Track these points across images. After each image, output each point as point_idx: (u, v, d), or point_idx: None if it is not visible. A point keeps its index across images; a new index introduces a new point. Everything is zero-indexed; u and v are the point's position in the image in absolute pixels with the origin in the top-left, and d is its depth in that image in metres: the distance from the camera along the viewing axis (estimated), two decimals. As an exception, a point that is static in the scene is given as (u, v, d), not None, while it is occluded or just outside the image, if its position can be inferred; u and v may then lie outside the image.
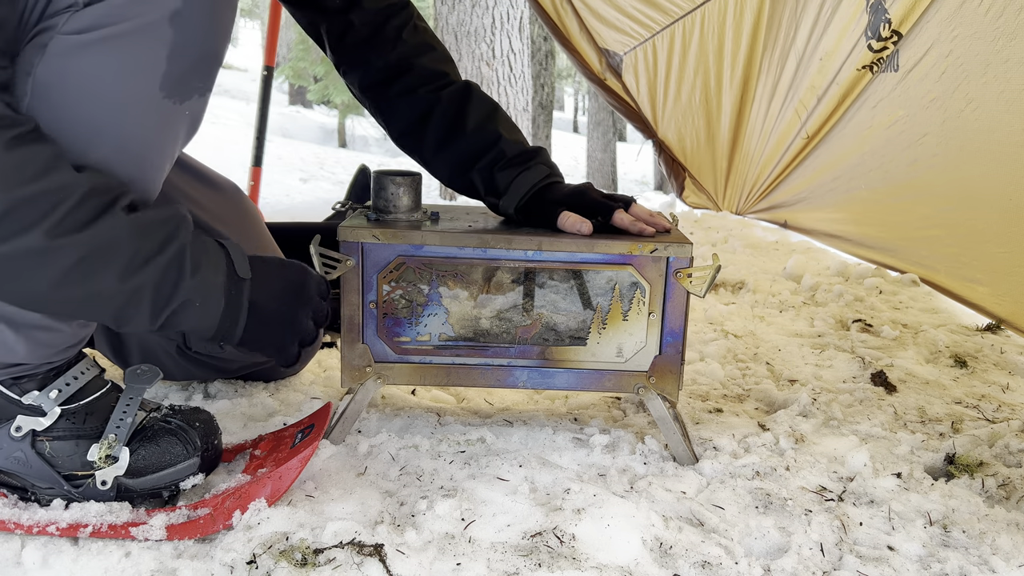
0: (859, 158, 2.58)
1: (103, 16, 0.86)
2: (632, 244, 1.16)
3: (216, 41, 0.96)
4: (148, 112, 0.93)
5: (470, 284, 1.19)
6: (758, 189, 3.30)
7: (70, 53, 0.87)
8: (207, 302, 0.98)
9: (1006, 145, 1.88)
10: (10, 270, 0.85)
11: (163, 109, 0.93)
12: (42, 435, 1.01)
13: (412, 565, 0.92)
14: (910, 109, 2.28)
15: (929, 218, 2.27)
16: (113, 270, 0.89)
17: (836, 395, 1.54)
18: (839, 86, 2.66)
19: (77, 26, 0.86)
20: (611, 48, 3.40)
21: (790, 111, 2.96)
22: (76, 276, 0.87)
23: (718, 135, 3.33)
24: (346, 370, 1.21)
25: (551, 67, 9.23)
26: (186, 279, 0.95)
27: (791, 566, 0.97)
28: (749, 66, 3.13)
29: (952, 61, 2.08)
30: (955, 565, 0.98)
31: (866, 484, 1.16)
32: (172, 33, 0.89)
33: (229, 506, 0.99)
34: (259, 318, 1.05)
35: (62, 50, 0.87)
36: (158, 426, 1.05)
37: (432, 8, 5.48)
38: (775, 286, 2.34)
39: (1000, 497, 1.16)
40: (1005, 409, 1.52)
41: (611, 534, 0.99)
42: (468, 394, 1.49)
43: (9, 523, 0.96)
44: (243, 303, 1.03)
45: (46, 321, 0.97)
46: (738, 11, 3.06)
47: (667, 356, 1.21)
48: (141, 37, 0.88)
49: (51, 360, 1.02)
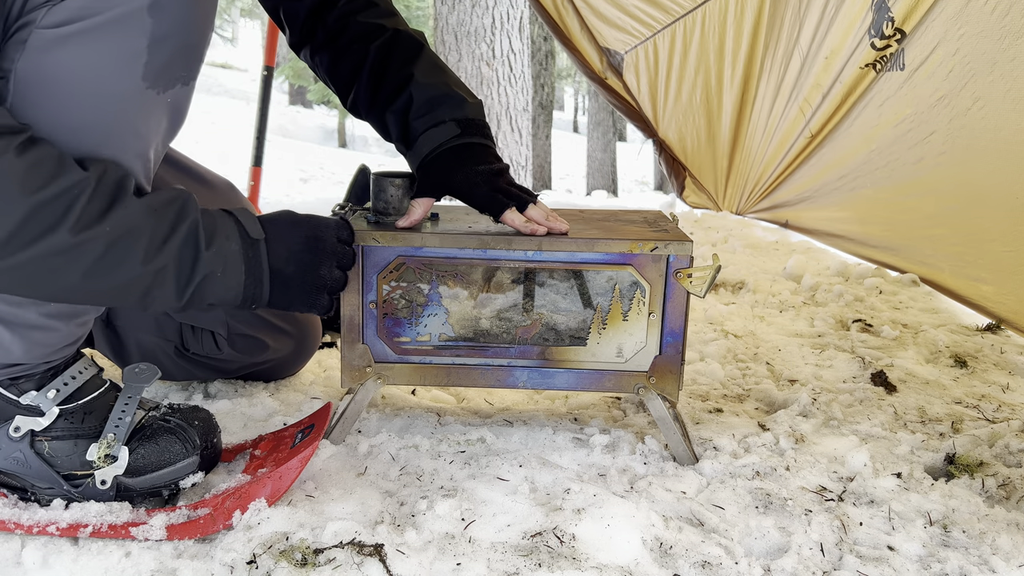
0: (865, 156, 2.57)
1: (81, 8, 0.86)
2: (632, 244, 1.16)
3: (197, 29, 0.96)
4: (131, 103, 0.93)
5: (470, 284, 1.19)
6: (760, 188, 3.30)
7: (49, 47, 0.87)
8: (227, 271, 1.00)
9: (1013, 144, 1.88)
10: (42, 270, 0.87)
11: (146, 99, 0.93)
12: (41, 435, 1.01)
13: (412, 565, 0.92)
14: (917, 107, 2.28)
15: (934, 216, 2.27)
16: (136, 254, 0.91)
17: (836, 395, 1.54)
18: (842, 84, 2.66)
19: (55, 19, 0.86)
20: (612, 47, 3.40)
21: (794, 110, 2.96)
22: (104, 266, 0.89)
23: (719, 134, 3.33)
24: (346, 370, 1.21)
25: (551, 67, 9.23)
26: (203, 252, 0.96)
27: (791, 566, 0.97)
28: (750, 65, 3.13)
29: (959, 59, 2.08)
30: (955, 565, 0.98)
31: (866, 484, 1.16)
32: (152, 23, 0.89)
33: (229, 506, 0.99)
34: (282, 277, 1.05)
35: (41, 45, 0.87)
36: (157, 425, 1.05)
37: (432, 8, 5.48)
38: (775, 286, 2.34)
39: (1000, 497, 1.16)
40: (1005, 409, 1.52)
41: (611, 534, 0.98)
42: (468, 394, 1.49)
43: (9, 523, 0.96)
44: (263, 265, 1.03)
45: (42, 321, 0.98)
46: (739, 10, 3.06)
47: (667, 356, 1.21)
48: (120, 28, 0.88)
49: (48, 360, 1.02)
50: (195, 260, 0.96)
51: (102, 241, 0.88)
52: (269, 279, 1.04)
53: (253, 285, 1.03)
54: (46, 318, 0.98)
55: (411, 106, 1.21)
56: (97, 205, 0.88)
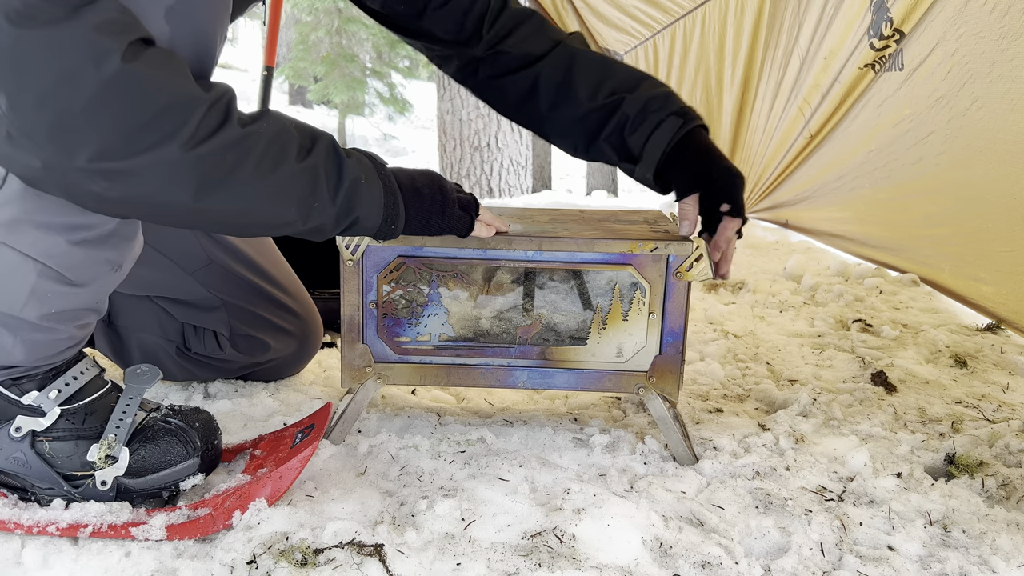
0: (864, 157, 2.58)
1: None
2: (632, 244, 1.16)
3: (212, 29, 0.95)
4: None
5: (470, 284, 1.19)
6: (760, 188, 3.30)
7: None
8: (369, 180, 1.02)
9: (1012, 144, 1.88)
10: (221, 165, 0.88)
11: None
12: (42, 435, 1.01)
13: (412, 565, 0.92)
14: (916, 108, 2.28)
15: (934, 217, 2.27)
16: (291, 151, 0.94)
17: (836, 395, 1.54)
18: (841, 85, 2.66)
19: None
20: (612, 47, 3.41)
21: (793, 110, 2.96)
22: (268, 161, 0.92)
23: (719, 135, 3.33)
24: (346, 370, 1.21)
25: (552, 67, 9.21)
26: (344, 160, 0.99)
27: (791, 566, 0.97)
28: (750, 65, 3.13)
29: (958, 60, 2.08)
30: (955, 565, 0.98)
31: (866, 484, 1.16)
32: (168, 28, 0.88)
33: (229, 506, 0.99)
34: (415, 193, 1.07)
35: None
36: (158, 426, 1.05)
37: (432, 8, 5.46)
38: (775, 286, 2.34)
39: (1000, 497, 1.16)
40: (1005, 409, 1.52)
41: (611, 534, 0.99)
42: (468, 394, 1.49)
43: (9, 523, 0.96)
44: (394, 184, 1.05)
45: (43, 323, 0.97)
46: (739, 10, 3.06)
47: (667, 356, 1.21)
48: None
49: (50, 361, 1.02)
50: (340, 165, 0.98)
51: (263, 137, 0.91)
52: (402, 195, 1.05)
53: (391, 200, 1.04)
54: (46, 321, 0.98)
55: (626, 124, 1.22)
56: (246, 112, 0.93)
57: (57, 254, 0.94)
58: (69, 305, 0.99)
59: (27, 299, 0.95)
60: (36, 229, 0.92)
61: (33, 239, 0.92)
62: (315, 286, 1.65)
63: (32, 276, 0.94)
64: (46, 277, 0.94)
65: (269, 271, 1.39)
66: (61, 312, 0.98)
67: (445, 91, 5.18)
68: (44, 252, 0.93)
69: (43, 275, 0.94)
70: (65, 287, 0.96)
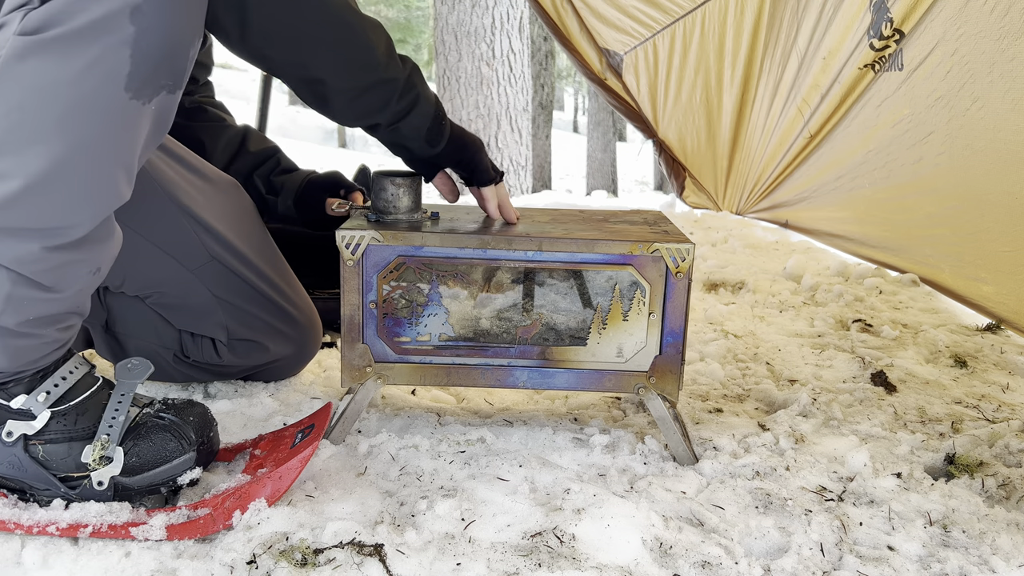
0: (863, 156, 2.58)
1: (59, 13, 0.83)
2: (632, 244, 1.16)
3: (184, 34, 0.92)
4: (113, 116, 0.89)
5: (470, 284, 1.19)
6: (759, 188, 3.30)
7: (26, 55, 0.84)
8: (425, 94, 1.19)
9: (1012, 144, 1.88)
10: None
11: (128, 111, 0.90)
12: (34, 439, 1.00)
13: (412, 565, 0.92)
14: (915, 108, 2.28)
15: (934, 217, 2.27)
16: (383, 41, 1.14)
17: (836, 395, 1.54)
18: (841, 85, 2.66)
19: (32, 25, 0.84)
20: (611, 48, 3.40)
21: (792, 110, 2.96)
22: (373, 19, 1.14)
23: (719, 135, 3.33)
24: (346, 370, 1.21)
25: (551, 67, 9.22)
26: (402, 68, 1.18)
27: (791, 566, 0.97)
28: (750, 65, 3.13)
29: (957, 60, 2.08)
30: (955, 565, 0.98)
31: (866, 484, 1.16)
32: (134, 30, 0.86)
33: (229, 506, 0.99)
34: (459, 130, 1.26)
35: (18, 52, 0.84)
36: (152, 422, 1.04)
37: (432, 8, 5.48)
38: (775, 286, 2.34)
39: (1000, 497, 1.16)
40: (1005, 409, 1.52)
41: (611, 534, 0.99)
42: (468, 394, 1.49)
43: (9, 523, 0.96)
44: (442, 113, 1.23)
45: (23, 329, 0.95)
46: (739, 10, 3.06)
47: (667, 356, 1.21)
48: (100, 34, 0.85)
49: (35, 365, 1.00)
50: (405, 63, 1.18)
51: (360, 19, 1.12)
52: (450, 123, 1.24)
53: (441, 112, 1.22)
54: (26, 327, 0.95)
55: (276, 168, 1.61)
56: None
57: (31, 260, 0.92)
58: (48, 311, 0.96)
59: (3, 307, 0.93)
60: (9, 236, 0.90)
61: (5, 247, 0.90)
62: (315, 286, 1.65)
63: (6, 284, 0.92)
64: (21, 284, 0.92)
65: (269, 272, 1.39)
66: (40, 318, 0.96)
67: (445, 91, 5.18)
68: (17, 259, 0.91)
69: (18, 283, 0.92)
70: (42, 293, 0.94)
